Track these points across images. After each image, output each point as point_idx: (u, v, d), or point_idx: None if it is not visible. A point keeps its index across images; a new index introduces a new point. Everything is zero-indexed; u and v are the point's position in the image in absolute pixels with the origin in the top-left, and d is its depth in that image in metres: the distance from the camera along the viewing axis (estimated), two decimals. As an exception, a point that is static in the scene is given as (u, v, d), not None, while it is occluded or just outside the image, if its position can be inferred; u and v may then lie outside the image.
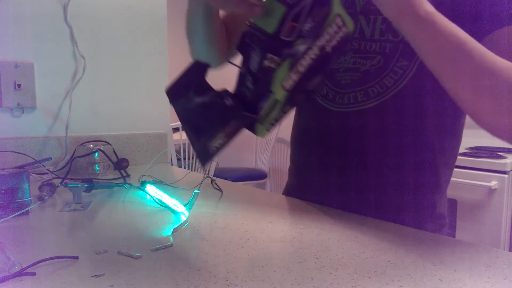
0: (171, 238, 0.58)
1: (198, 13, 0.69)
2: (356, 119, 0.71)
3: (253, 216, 0.70)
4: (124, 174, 1.05)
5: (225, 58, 0.78)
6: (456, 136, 0.73)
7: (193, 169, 3.04)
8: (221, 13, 0.74)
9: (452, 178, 0.76)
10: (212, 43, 0.75)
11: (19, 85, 1.07)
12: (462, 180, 1.68)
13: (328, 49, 0.48)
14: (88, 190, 0.84)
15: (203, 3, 0.66)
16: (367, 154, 0.71)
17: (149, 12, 1.32)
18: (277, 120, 0.50)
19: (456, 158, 0.75)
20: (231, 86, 0.53)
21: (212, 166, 3.14)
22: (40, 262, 0.48)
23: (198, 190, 0.73)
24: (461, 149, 1.37)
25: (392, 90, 0.67)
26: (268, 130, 0.50)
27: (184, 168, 2.86)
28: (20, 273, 0.45)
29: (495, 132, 0.53)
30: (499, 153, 1.81)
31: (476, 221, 1.62)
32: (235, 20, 0.79)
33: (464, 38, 0.49)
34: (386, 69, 0.67)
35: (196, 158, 0.63)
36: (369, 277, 0.45)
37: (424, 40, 0.51)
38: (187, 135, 0.50)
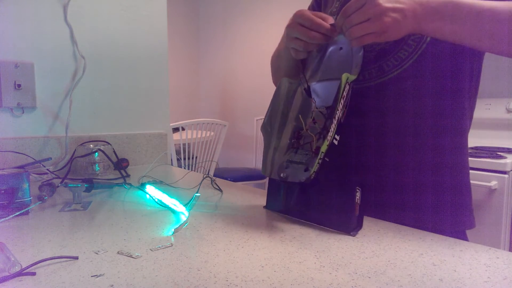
0: (172, 238, 0.58)
1: (286, 53, 0.80)
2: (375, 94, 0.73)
3: (253, 216, 0.70)
4: (124, 174, 1.05)
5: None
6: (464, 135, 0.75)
7: (193, 169, 3.04)
8: None
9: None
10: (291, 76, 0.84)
11: (19, 85, 1.07)
12: (462, 180, 1.68)
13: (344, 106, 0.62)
14: (88, 190, 0.84)
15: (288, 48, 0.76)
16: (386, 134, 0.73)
17: (150, 12, 1.32)
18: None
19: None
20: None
21: (212, 166, 3.14)
22: (40, 262, 0.48)
23: (199, 194, 0.73)
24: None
25: (408, 61, 0.70)
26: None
27: (184, 168, 2.86)
28: (20, 273, 0.45)
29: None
30: (499, 153, 1.81)
31: (476, 221, 1.61)
32: None
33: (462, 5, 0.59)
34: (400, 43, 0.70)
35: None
36: (369, 277, 0.45)
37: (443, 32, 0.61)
38: None
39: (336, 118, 0.60)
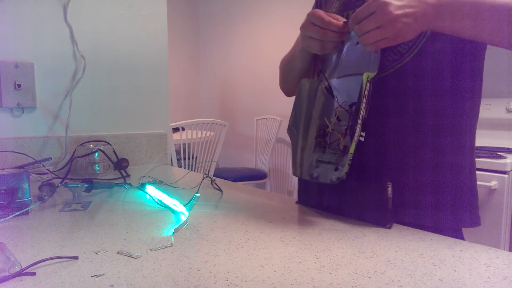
0: (172, 238, 0.58)
1: (300, 54, 0.81)
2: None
3: (253, 216, 0.70)
4: (124, 174, 1.05)
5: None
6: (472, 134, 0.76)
7: (193, 169, 3.04)
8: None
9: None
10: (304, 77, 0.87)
11: (19, 85, 1.07)
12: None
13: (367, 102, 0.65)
14: (88, 190, 0.84)
15: (303, 48, 0.77)
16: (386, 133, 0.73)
17: (150, 12, 1.32)
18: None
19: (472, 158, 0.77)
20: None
21: (212, 166, 3.14)
22: (40, 262, 0.48)
23: (199, 194, 0.73)
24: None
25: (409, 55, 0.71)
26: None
27: (184, 168, 2.86)
28: (20, 273, 0.45)
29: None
30: (499, 153, 1.81)
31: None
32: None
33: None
34: None
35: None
36: (369, 277, 0.45)
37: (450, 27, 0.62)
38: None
39: (361, 118, 0.63)
